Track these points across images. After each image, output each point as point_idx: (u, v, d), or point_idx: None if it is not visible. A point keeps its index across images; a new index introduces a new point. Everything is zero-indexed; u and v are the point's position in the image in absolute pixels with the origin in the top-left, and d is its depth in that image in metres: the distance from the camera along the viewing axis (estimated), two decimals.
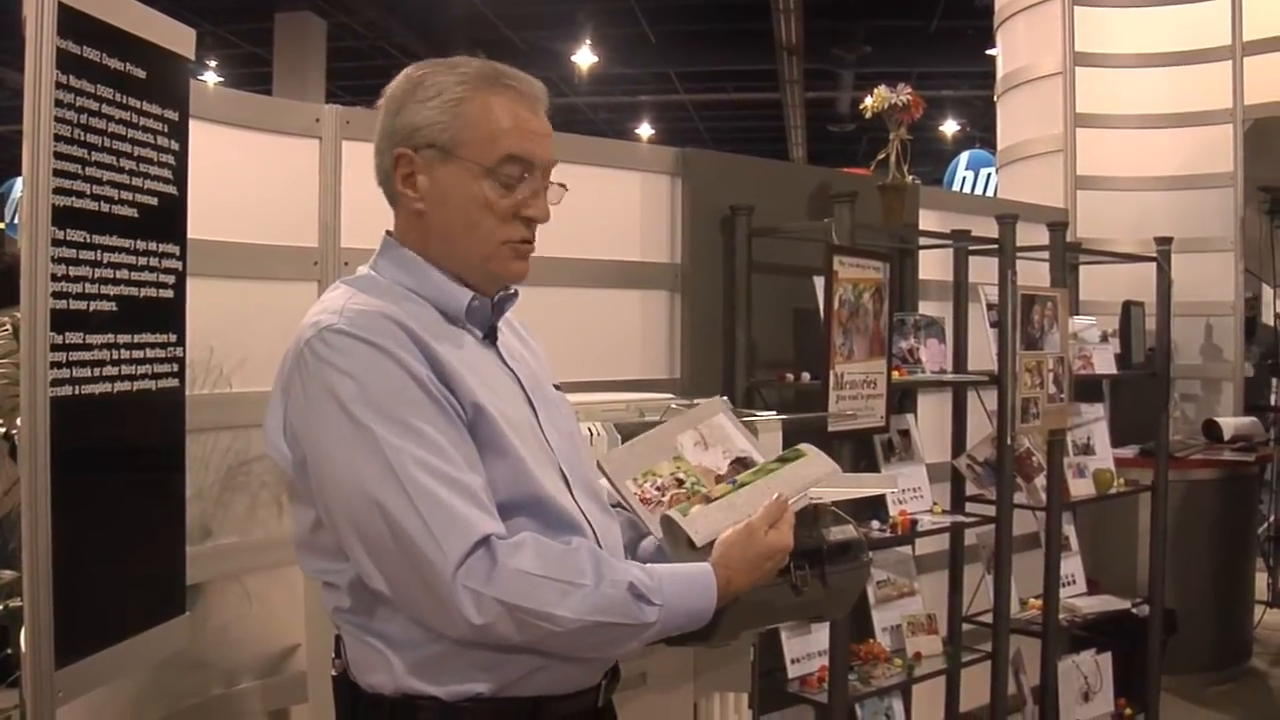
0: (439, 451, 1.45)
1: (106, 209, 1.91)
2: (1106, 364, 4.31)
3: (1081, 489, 4.22)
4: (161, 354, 2.08)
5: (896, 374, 3.45)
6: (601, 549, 1.59)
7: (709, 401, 1.92)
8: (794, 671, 3.42)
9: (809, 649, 3.46)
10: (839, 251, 3.16)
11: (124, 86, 1.94)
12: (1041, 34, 5.75)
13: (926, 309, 3.97)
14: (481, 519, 1.44)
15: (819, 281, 3.26)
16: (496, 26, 13.43)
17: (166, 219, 2.08)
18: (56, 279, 1.80)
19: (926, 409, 4.08)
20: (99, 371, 1.90)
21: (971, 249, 3.95)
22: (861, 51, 13.14)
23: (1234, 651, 5.21)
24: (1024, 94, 5.92)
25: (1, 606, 3.25)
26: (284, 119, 2.69)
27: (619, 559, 1.60)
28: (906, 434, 3.86)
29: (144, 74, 1.99)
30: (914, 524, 3.63)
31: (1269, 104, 5.37)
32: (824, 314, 3.15)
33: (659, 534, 1.67)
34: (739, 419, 1.95)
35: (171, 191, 2.09)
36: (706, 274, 3.46)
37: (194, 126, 2.17)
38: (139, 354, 2.01)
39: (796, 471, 1.68)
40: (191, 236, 2.18)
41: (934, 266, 4.14)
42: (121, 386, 1.96)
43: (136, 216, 1.99)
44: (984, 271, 3.89)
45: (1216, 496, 5.09)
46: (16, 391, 1.81)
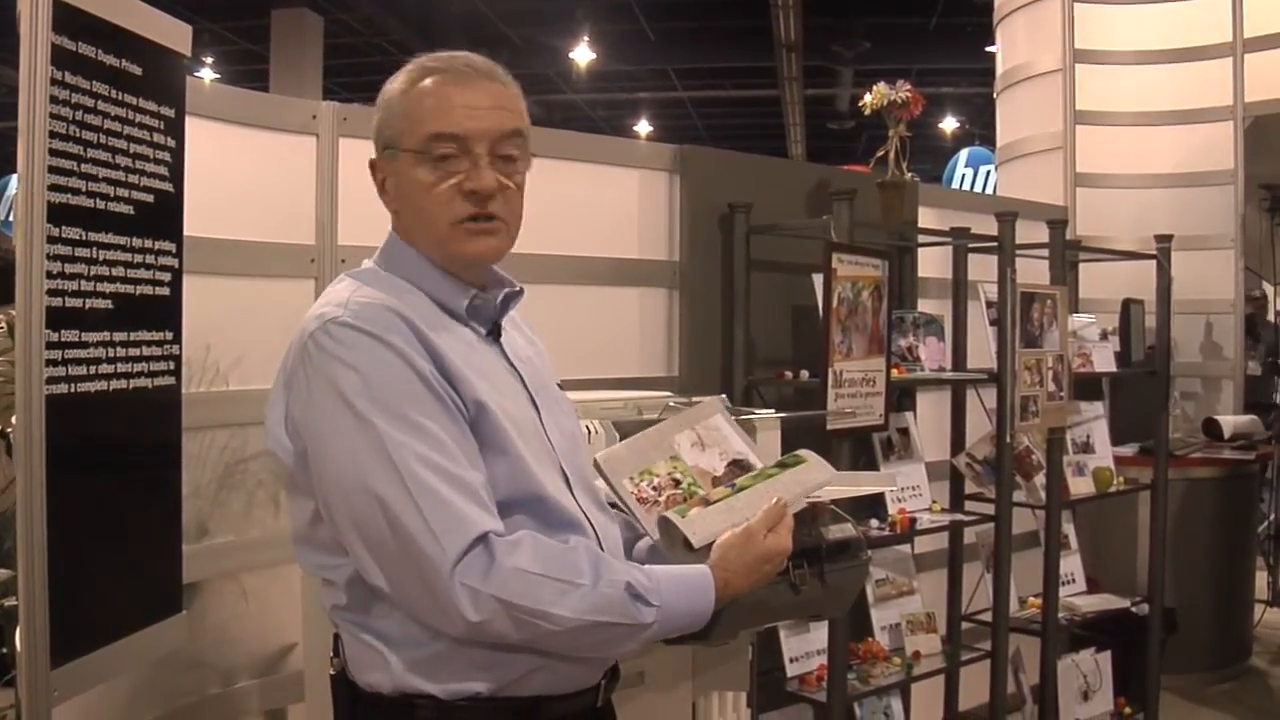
0: (440, 447, 1.45)
1: (102, 206, 1.91)
2: (1106, 362, 4.32)
3: (1081, 487, 4.22)
4: (158, 352, 2.08)
5: (895, 372, 3.45)
6: (601, 547, 1.59)
7: (707, 402, 1.92)
8: (793, 670, 3.42)
9: (808, 648, 3.46)
10: (838, 249, 3.16)
11: (120, 83, 1.94)
12: (1041, 30, 5.75)
13: (925, 307, 3.97)
14: (481, 516, 1.44)
15: (818, 279, 3.26)
16: (494, 23, 13.44)
17: (163, 216, 2.08)
18: (52, 276, 1.80)
19: (925, 407, 4.08)
20: (95, 369, 1.90)
21: (971, 246, 3.95)
22: (861, 48, 13.15)
23: (1234, 650, 5.21)
24: (1023, 91, 5.92)
25: None
26: (281, 116, 2.69)
27: (619, 559, 1.60)
28: (905, 432, 3.86)
29: (140, 70, 1.99)
30: (913, 522, 3.64)
31: (1270, 101, 5.36)
32: (823, 312, 3.15)
33: (655, 534, 1.67)
34: (737, 418, 1.95)
35: (168, 188, 2.10)
36: (705, 271, 3.46)
37: (190, 123, 2.17)
38: (135, 352, 2.01)
39: (796, 477, 1.68)
40: (188, 234, 2.18)
41: (933, 264, 4.14)
42: (118, 384, 1.96)
43: (132, 213, 1.99)
44: (983, 269, 3.90)
45: (1216, 495, 5.09)
46: (12, 389, 1.81)
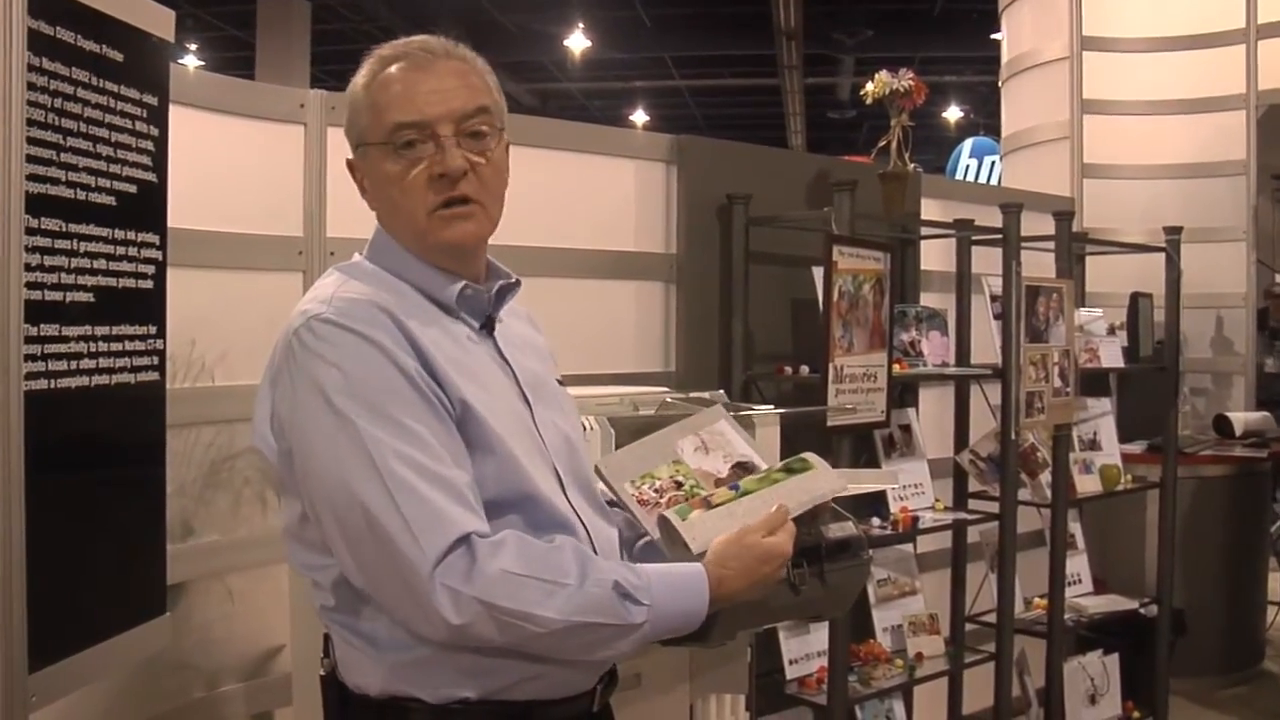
0: (422, 446, 1.45)
1: (83, 196, 1.90)
2: (1113, 357, 4.32)
3: (1087, 486, 4.22)
4: (141, 346, 2.07)
5: (897, 367, 3.46)
6: (594, 548, 1.58)
7: (710, 409, 1.92)
8: (792, 672, 3.43)
9: (808, 649, 3.47)
10: (838, 241, 3.16)
11: (100, 69, 1.94)
12: (1048, 17, 5.75)
13: (928, 301, 3.97)
14: (463, 516, 1.44)
15: (818, 272, 3.26)
16: (486, 9, 13.43)
17: (146, 207, 2.08)
18: (31, 269, 1.79)
19: (928, 403, 4.08)
20: (76, 365, 1.89)
21: (975, 239, 3.95)
22: (862, 36, 13.15)
23: (1246, 653, 5.22)
24: (1029, 79, 5.92)
25: None
26: (267, 104, 2.68)
27: (610, 559, 1.59)
28: (908, 429, 3.86)
29: (121, 57, 1.99)
30: (915, 521, 3.64)
31: None
32: (823, 306, 3.15)
33: (655, 533, 1.67)
34: (735, 415, 1.95)
35: (151, 179, 2.09)
36: (702, 264, 3.46)
37: (174, 111, 2.16)
38: (117, 346, 2.00)
39: (802, 484, 1.67)
40: (172, 225, 2.17)
41: (936, 257, 4.14)
42: (99, 380, 1.95)
43: (114, 204, 1.98)
44: (987, 262, 3.90)
45: (1227, 494, 5.10)
46: None
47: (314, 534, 1.53)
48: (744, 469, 1.78)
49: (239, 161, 2.61)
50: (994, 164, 10.38)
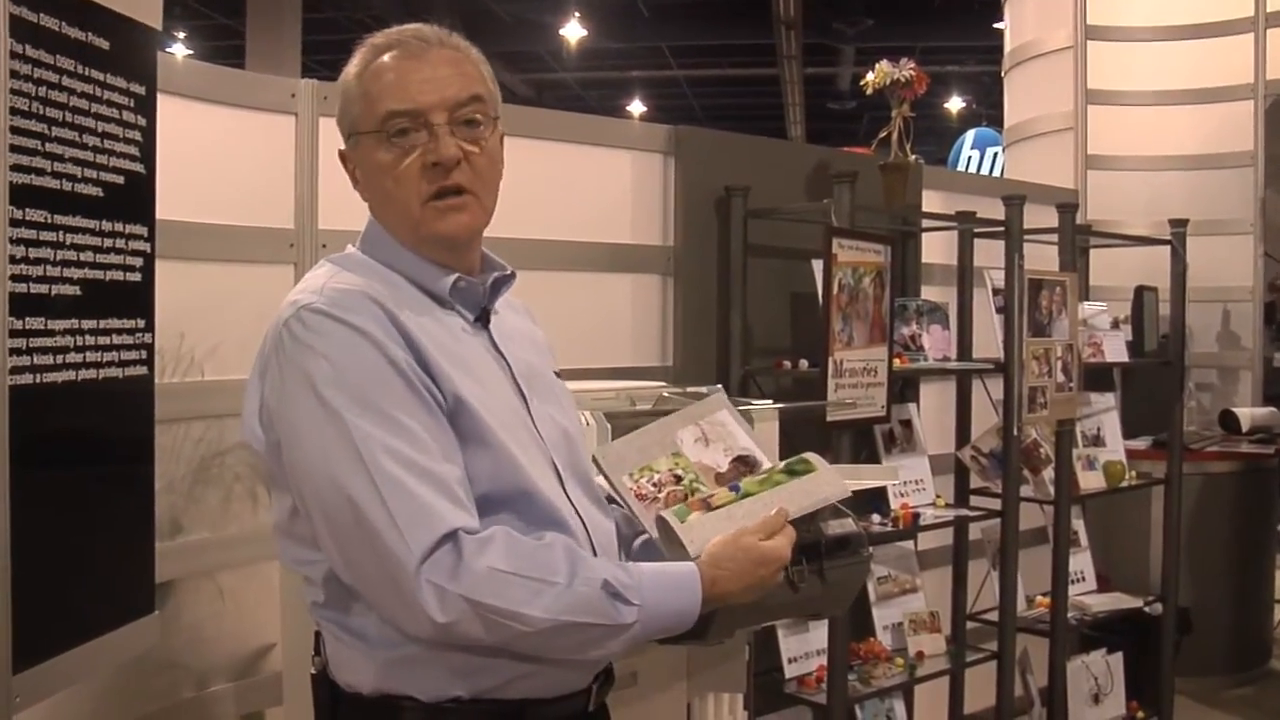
0: (411, 440, 1.45)
1: (69, 187, 1.90)
2: (1118, 352, 4.33)
3: (1091, 482, 4.23)
4: (129, 340, 2.07)
5: (898, 362, 3.46)
6: (593, 544, 1.59)
7: (710, 398, 1.91)
8: (791, 671, 3.43)
9: (807, 648, 3.47)
10: (838, 234, 3.16)
11: (86, 57, 1.93)
12: (1052, 6, 5.75)
13: (929, 294, 3.97)
14: (451, 511, 1.44)
15: (817, 265, 3.26)
16: None
17: (133, 198, 2.07)
18: (15, 261, 1.79)
19: (929, 398, 4.09)
20: (62, 359, 1.89)
21: (977, 231, 3.95)
22: (863, 25, 13.14)
23: (1252, 653, 5.23)
24: (1033, 69, 5.92)
25: None
26: (258, 94, 2.68)
27: (603, 556, 1.59)
28: (908, 424, 3.87)
29: (107, 45, 1.98)
30: (916, 518, 3.64)
31: None
32: (823, 299, 3.15)
33: (654, 531, 1.67)
34: (738, 411, 1.95)
35: (138, 169, 2.09)
36: (700, 257, 3.46)
37: (162, 101, 2.16)
38: (105, 340, 2.00)
39: (804, 487, 1.67)
40: (160, 217, 2.17)
41: (937, 249, 4.14)
42: (86, 374, 1.95)
43: (101, 195, 1.98)
44: (990, 255, 3.90)
45: (1234, 490, 5.10)
46: None
47: (304, 528, 1.53)
48: (744, 462, 1.77)
49: (229, 152, 2.61)
50: (996, 155, 10.39)
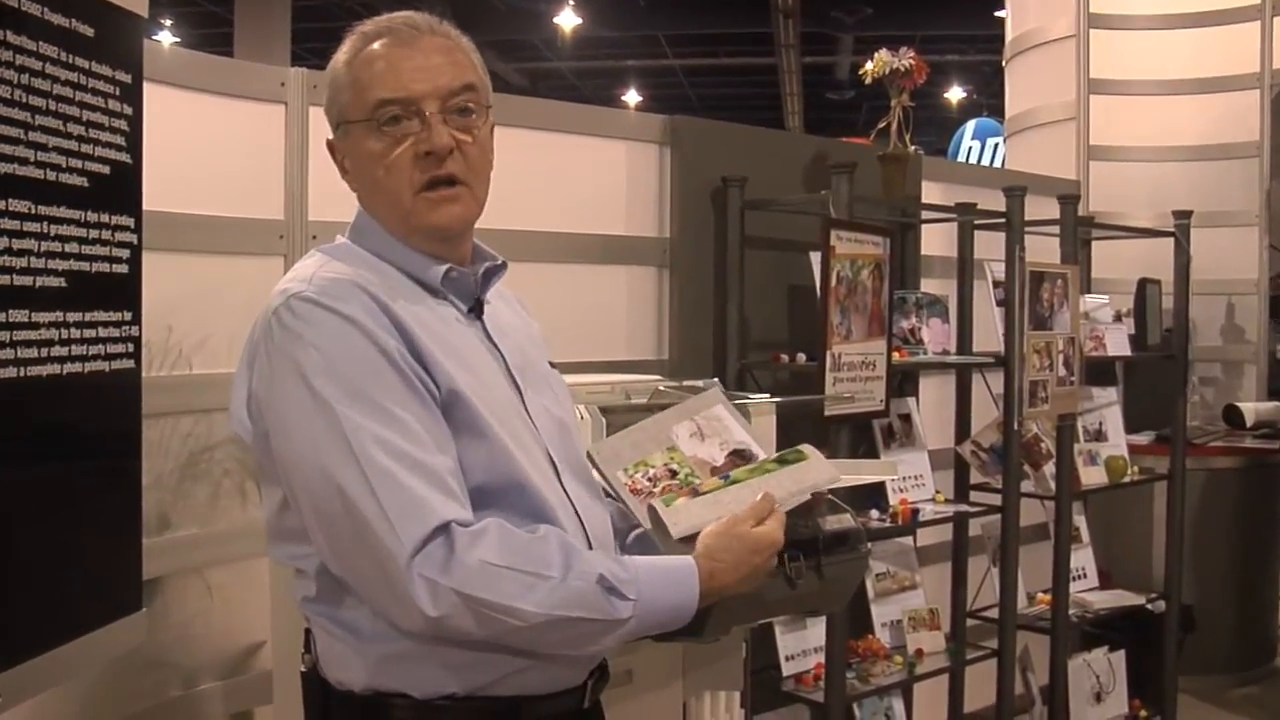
0: (403, 430, 1.45)
1: (53, 177, 1.89)
2: (1120, 345, 4.33)
3: (1093, 477, 4.24)
4: (115, 333, 2.07)
5: (897, 355, 3.46)
6: (588, 536, 1.59)
7: (706, 393, 1.92)
8: (788, 669, 3.43)
9: (804, 645, 3.47)
10: (836, 225, 3.16)
11: (70, 45, 1.92)
12: None
13: (929, 287, 3.98)
14: (444, 504, 1.44)
15: (815, 257, 3.26)
16: None
17: (119, 189, 2.07)
18: None
19: (929, 392, 4.09)
20: (47, 352, 1.89)
21: (977, 223, 3.96)
22: (862, 13, 13.15)
23: (1256, 651, 5.25)
24: (1034, 58, 5.92)
25: None
26: (246, 82, 2.68)
27: (598, 550, 1.59)
28: (907, 418, 3.87)
29: (92, 32, 1.98)
30: (915, 513, 3.65)
31: None
32: (820, 292, 3.15)
33: (648, 524, 1.67)
34: (734, 406, 1.95)
35: (125, 159, 2.08)
36: (696, 249, 3.46)
37: (148, 90, 2.16)
38: (91, 333, 2.00)
39: (793, 475, 1.68)
40: (147, 208, 2.16)
41: (937, 241, 4.14)
42: (72, 368, 1.95)
43: (87, 186, 1.98)
44: (990, 247, 3.90)
45: (1238, 486, 5.11)
46: None
47: (295, 521, 1.53)
48: (741, 456, 1.78)
49: (217, 142, 2.61)
50: (997, 146, 10.38)
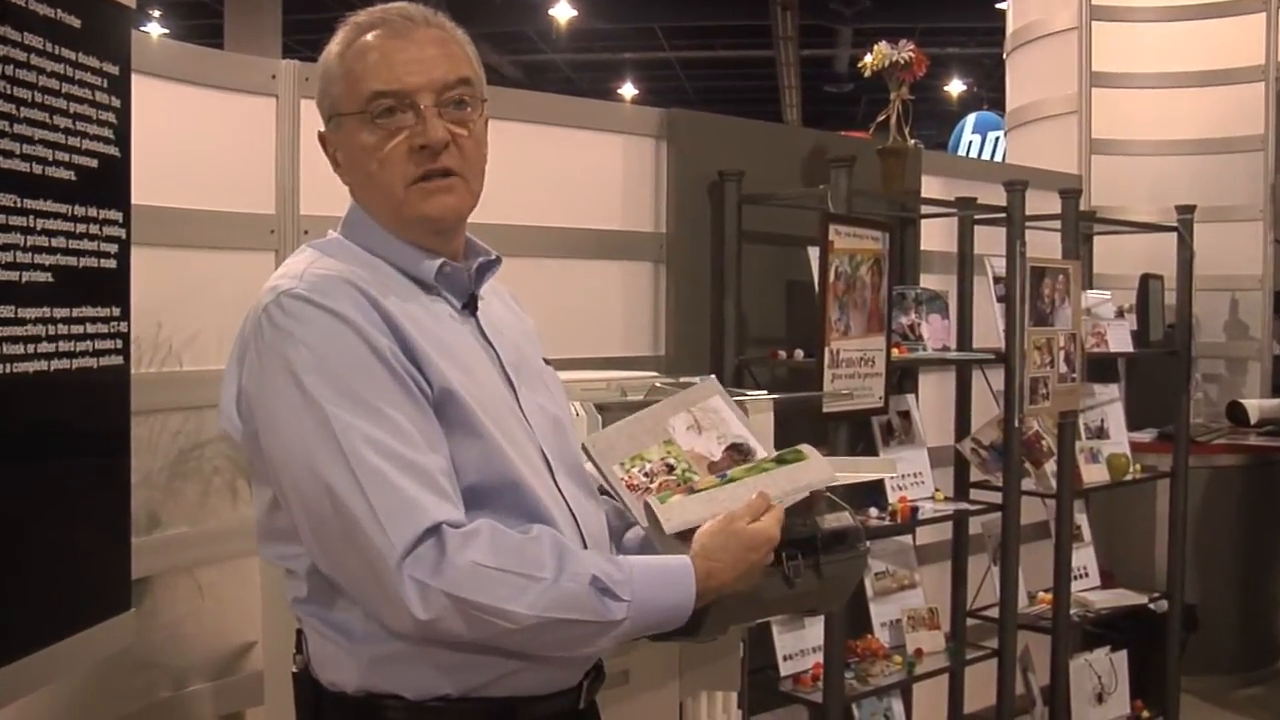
0: (394, 430, 1.45)
1: (39, 171, 1.89)
2: (1122, 341, 4.34)
3: (1094, 475, 4.24)
4: (104, 329, 2.06)
5: (896, 351, 3.46)
6: (583, 536, 1.59)
7: (703, 384, 1.92)
8: (786, 669, 3.44)
9: (802, 645, 3.48)
10: (835, 220, 3.16)
11: (56, 36, 1.92)
12: None
13: (929, 282, 3.98)
14: (435, 504, 1.44)
15: (813, 252, 3.26)
16: None
17: (107, 182, 2.07)
18: None
19: (928, 389, 4.10)
20: (33, 348, 1.88)
21: (978, 218, 3.96)
22: (861, 5, 13.14)
23: (1261, 651, 5.25)
24: (1036, 51, 5.91)
25: None
26: (237, 75, 2.67)
27: (593, 549, 1.59)
28: (907, 415, 3.87)
29: (79, 23, 1.97)
30: (915, 511, 3.65)
31: None
32: (819, 287, 3.15)
33: (644, 521, 1.67)
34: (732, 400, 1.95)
35: (112, 153, 2.08)
36: (693, 244, 3.46)
37: (136, 82, 2.16)
38: (78, 329, 2.00)
39: (791, 474, 1.68)
40: (136, 202, 2.16)
41: (937, 236, 4.14)
42: (59, 364, 1.94)
43: (74, 179, 1.97)
44: (991, 242, 3.90)
45: (1241, 484, 5.12)
46: None
47: (285, 521, 1.53)
48: (738, 450, 1.78)
49: (207, 135, 2.61)
50: (998, 139, 10.38)
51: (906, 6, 13.45)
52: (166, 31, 13.82)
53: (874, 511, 3.54)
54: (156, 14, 14.27)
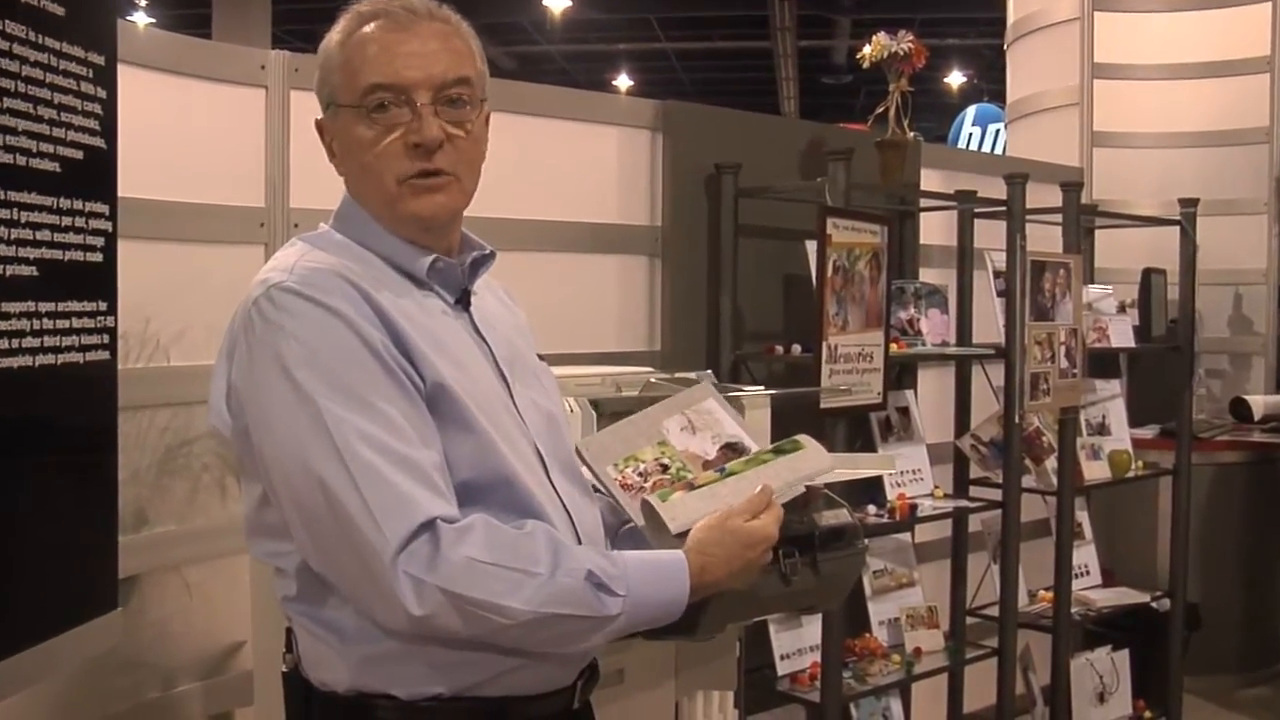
0: (387, 425, 1.45)
1: (23, 162, 1.88)
2: (1124, 336, 4.34)
3: (1096, 472, 4.25)
4: (90, 324, 2.06)
5: (895, 347, 3.47)
6: (577, 531, 1.60)
7: (697, 387, 1.92)
8: (783, 668, 3.44)
9: (800, 644, 3.48)
10: (833, 213, 3.16)
11: (39, 24, 1.91)
12: None
13: (928, 276, 3.98)
14: (429, 500, 1.44)
15: (811, 246, 3.26)
16: None
17: (93, 174, 2.06)
18: None
19: (927, 385, 4.10)
20: (18, 343, 1.88)
21: (977, 211, 3.96)
22: None
23: (1265, 651, 5.25)
24: (1037, 42, 5.92)
25: None
26: (225, 65, 2.67)
27: (587, 545, 1.59)
28: (905, 411, 3.88)
29: (62, 11, 1.96)
30: (913, 509, 3.66)
31: None
32: (816, 281, 3.15)
33: (639, 519, 1.67)
34: (726, 398, 1.95)
35: (99, 144, 2.07)
36: (689, 238, 3.46)
37: (123, 72, 2.15)
38: (64, 324, 1.99)
39: (790, 465, 1.68)
40: (122, 195, 2.16)
41: (936, 230, 4.15)
42: (44, 360, 1.94)
43: (59, 171, 1.97)
44: (991, 236, 3.91)
45: (1245, 481, 5.13)
46: None
47: (275, 517, 1.53)
48: (733, 450, 1.78)
49: (195, 127, 2.61)
50: (998, 132, 10.38)
51: None
52: (153, 21, 13.78)
53: (872, 509, 3.55)
54: (143, 3, 14.23)
